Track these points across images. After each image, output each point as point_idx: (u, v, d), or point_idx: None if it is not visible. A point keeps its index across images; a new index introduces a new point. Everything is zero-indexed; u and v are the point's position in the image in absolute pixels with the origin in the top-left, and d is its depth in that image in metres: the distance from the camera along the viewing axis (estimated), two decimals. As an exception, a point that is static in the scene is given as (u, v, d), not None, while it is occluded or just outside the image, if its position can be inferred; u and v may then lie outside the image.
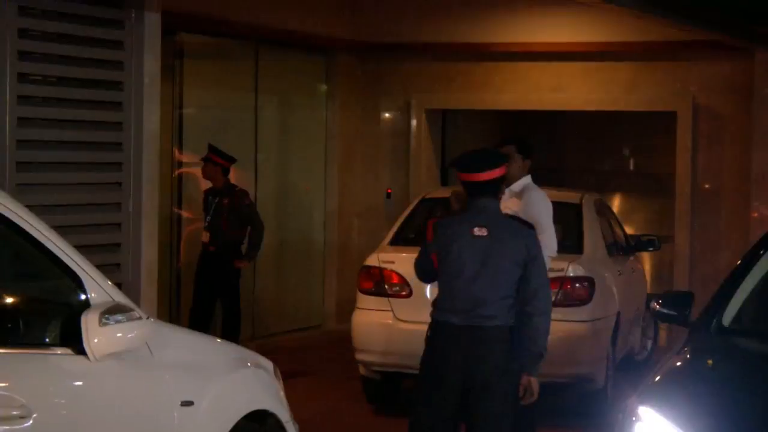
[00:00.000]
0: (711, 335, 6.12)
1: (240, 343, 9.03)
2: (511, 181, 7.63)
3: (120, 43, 7.46)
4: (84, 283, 4.80)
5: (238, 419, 5.49)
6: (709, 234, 12.93)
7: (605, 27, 12.85)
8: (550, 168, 14.44)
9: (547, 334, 6.42)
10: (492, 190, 6.49)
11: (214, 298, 11.01)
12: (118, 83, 7.48)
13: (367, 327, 9.59)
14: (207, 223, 10.91)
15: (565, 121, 15.72)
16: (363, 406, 9.89)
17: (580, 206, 10.22)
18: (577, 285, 9.31)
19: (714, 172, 12.93)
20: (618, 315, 10.00)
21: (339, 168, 13.96)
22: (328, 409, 9.85)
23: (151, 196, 7.59)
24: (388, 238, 10.12)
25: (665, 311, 6.47)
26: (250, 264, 11.43)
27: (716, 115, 12.91)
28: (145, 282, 7.53)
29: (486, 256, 6.36)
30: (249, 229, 10.95)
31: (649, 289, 12.32)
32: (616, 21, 12.48)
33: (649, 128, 15.04)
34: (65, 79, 7.21)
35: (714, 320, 6.16)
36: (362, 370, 9.80)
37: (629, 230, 12.43)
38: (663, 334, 12.57)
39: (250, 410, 5.61)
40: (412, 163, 14.26)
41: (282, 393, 6.01)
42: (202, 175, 11.05)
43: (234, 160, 11.04)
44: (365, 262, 9.76)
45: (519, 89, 13.64)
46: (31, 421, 4.41)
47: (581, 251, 9.75)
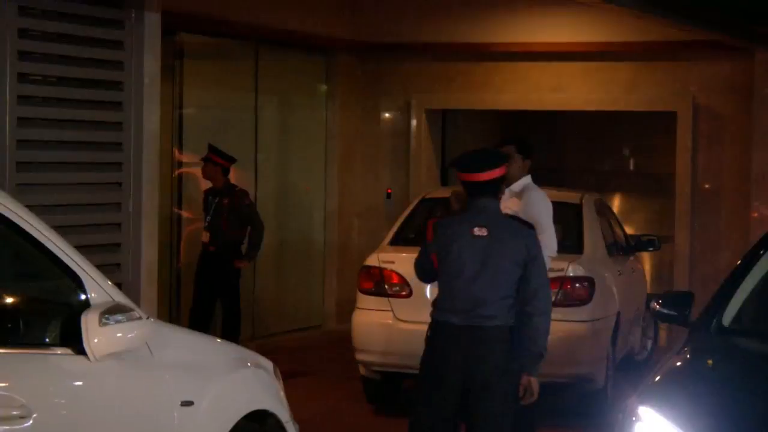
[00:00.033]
0: (711, 335, 6.12)
1: (240, 343, 9.03)
2: (511, 181, 7.63)
3: (120, 43, 7.46)
4: (84, 283, 4.80)
5: (238, 419, 5.49)
6: (709, 234, 12.93)
7: (605, 27, 12.85)
8: (550, 168, 14.44)
9: (547, 334, 6.43)
10: (492, 190, 6.49)
11: (214, 298, 11.01)
12: (118, 83, 7.47)
13: (367, 327, 9.59)
14: (207, 223, 10.91)
15: (565, 121, 15.72)
16: (363, 406, 9.89)
17: (580, 206, 10.22)
18: (577, 285, 9.31)
19: (714, 172, 12.93)
20: (618, 315, 10.00)
21: (339, 168, 13.96)
22: (328, 409, 9.85)
23: (151, 196, 7.59)
24: (388, 238, 10.12)
25: (665, 311, 6.47)
26: (250, 264, 11.43)
27: (716, 115, 12.91)
28: (145, 282, 7.53)
29: (486, 256, 6.36)
30: (249, 229, 10.96)
31: (649, 289, 12.32)
32: (616, 21, 12.48)
33: (649, 128, 15.04)
34: (65, 79, 7.20)
35: (714, 320, 6.16)
36: (362, 370, 9.80)
37: (629, 230, 12.42)
38: (663, 334, 12.57)
39: (250, 410, 5.61)
40: (412, 163, 14.26)
41: (282, 393, 6.01)
42: (202, 175, 11.05)
43: (234, 160, 11.04)
44: (365, 262, 9.76)
45: (519, 89, 13.65)
46: (31, 421, 4.41)
47: (581, 251, 9.75)
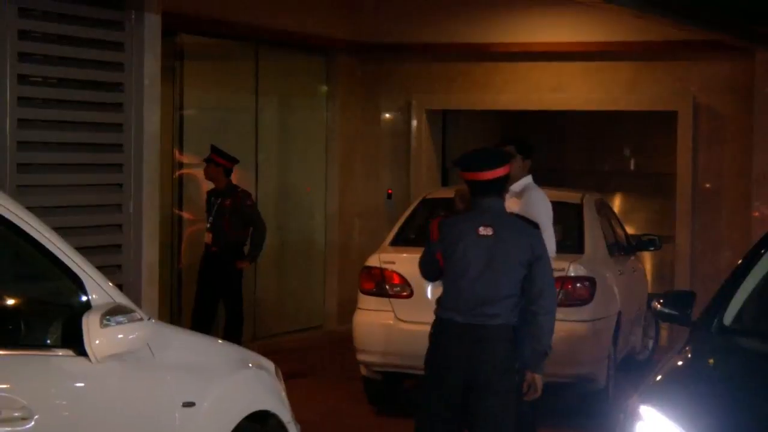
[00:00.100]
0: (712, 335, 6.12)
1: (242, 344, 9.04)
2: (512, 181, 7.63)
3: (120, 45, 7.46)
4: (85, 285, 4.80)
5: (239, 420, 5.50)
6: (709, 233, 12.93)
7: (605, 27, 12.85)
8: (550, 168, 14.43)
9: (551, 333, 6.45)
10: (496, 189, 6.49)
11: (217, 299, 11.01)
12: (119, 84, 7.47)
13: (369, 327, 9.59)
14: (209, 224, 10.92)
15: (566, 121, 15.72)
16: (364, 407, 9.90)
17: (581, 206, 10.23)
18: (578, 285, 9.31)
19: (715, 171, 12.93)
20: (619, 315, 10.00)
21: (340, 168, 13.96)
22: (330, 410, 9.85)
23: (151, 198, 7.58)
24: (389, 238, 10.12)
25: (666, 311, 6.48)
26: (252, 265, 11.43)
27: (717, 114, 12.91)
28: (146, 283, 7.53)
29: (491, 255, 6.37)
30: (251, 230, 10.96)
31: (650, 289, 12.33)
32: (616, 21, 12.48)
33: (650, 128, 15.04)
34: (65, 81, 7.20)
35: (715, 320, 6.17)
36: (363, 370, 9.80)
37: (630, 230, 12.43)
38: (664, 334, 12.58)
39: (251, 411, 5.61)
40: (412, 164, 14.26)
41: (283, 393, 6.01)
42: (205, 176, 11.06)
43: (236, 160, 11.05)
44: (366, 263, 9.76)
45: (519, 89, 13.65)
46: (32, 423, 4.41)
47: (582, 251, 9.76)
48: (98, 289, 4.83)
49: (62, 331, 4.71)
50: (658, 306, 6.52)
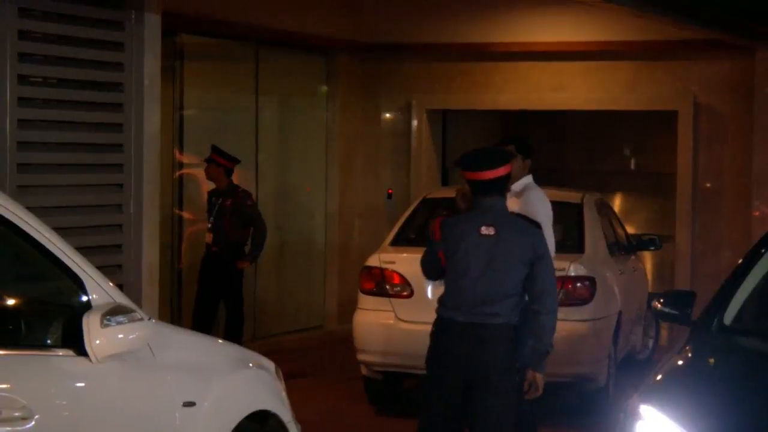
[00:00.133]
0: (712, 334, 6.12)
1: (242, 344, 9.04)
2: (512, 181, 7.61)
3: (120, 45, 7.45)
4: (85, 285, 4.80)
5: (239, 420, 5.50)
6: (710, 233, 12.93)
7: (605, 26, 12.85)
8: (550, 168, 14.43)
9: (553, 332, 6.46)
10: (497, 188, 6.49)
11: (217, 299, 11.02)
12: (119, 84, 7.47)
13: (369, 327, 9.60)
14: (210, 224, 10.92)
15: (566, 121, 15.71)
16: (364, 407, 9.90)
17: (582, 206, 10.23)
18: (578, 284, 9.32)
19: (715, 171, 12.93)
20: (619, 314, 10.00)
21: (340, 168, 13.96)
22: (330, 410, 9.85)
23: (151, 198, 7.58)
24: (389, 238, 10.12)
25: (667, 310, 6.48)
26: (252, 265, 11.43)
27: (717, 114, 12.91)
28: (147, 283, 7.53)
29: (493, 255, 6.38)
30: (252, 230, 10.96)
31: (650, 289, 12.34)
32: (616, 20, 12.48)
33: (650, 128, 15.04)
34: (65, 81, 7.19)
35: (715, 319, 6.17)
36: (364, 370, 9.80)
37: (630, 229, 12.43)
38: (664, 333, 12.58)
39: (251, 410, 5.62)
40: (412, 164, 14.26)
41: (284, 393, 6.02)
42: (206, 176, 11.07)
43: (237, 160, 11.05)
44: (366, 263, 9.76)
45: (519, 89, 13.65)
46: (33, 423, 4.41)
47: (582, 251, 9.76)
48: (98, 289, 4.83)
49: (62, 331, 4.72)
50: (659, 305, 6.52)
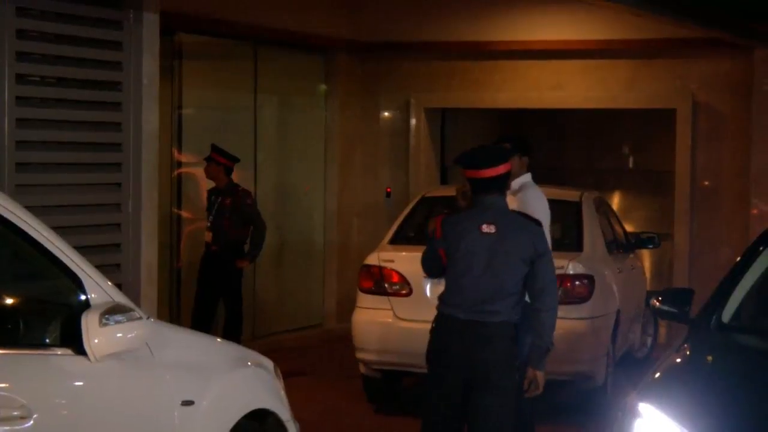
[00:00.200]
0: (711, 332, 6.13)
1: (241, 342, 9.04)
2: (511, 179, 7.62)
3: (119, 44, 7.45)
4: (84, 284, 4.80)
5: (238, 418, 5.50)
6: (708, 231, 12.93)
7: (604, 24, 12.85)
8: (549, 166, 14.44)
9: (553, 330, 6.46)
10: (498, 186, 6.50)
11: (217, 298, 11.02)
12: (117, 84, 7.47)
13: (368, 326, 9.60)
14: (210, 223, 10.92)
15: (565, 119, 15.72)
16: (363, 405, 9.90)
17: (580, 204, 10.23)
18: (577, 282, 9.32)
19: (713, 169, 12.93)
20: (618, 312, 10.01)
21: (339, 167, 13.96)
22: (329, 408, 9.85)
23: (150, 197, 7.58)
24: (388, 237, 10.12)
25: (665, 308, 6.49)
26: (252, 264, 11.44)
27: (716, 112, 12.91)
28: (145, 282, 7.53)
29: (493, 253, 6.38)
30: (251, 228, 10.97)
31: (648, 287, 12.33)
32: (615, 18, 12.48)
33: (649, 126, 15.04)
34: (64, 80, 7.19)
35: (714, 317, 6.18)
36: (363, 368, 9.81)
37: (629, 228, 12.43)
38: (663, 331, 12.58)
39: (250, 409, 5.62)
40: (411, 162, 14.27)
41: (282, 392, 6.02)
42: (205, 174, 11.07)
43: (237, 159, 11.05)
44: (365, 261, 9.77)
45: (518, 87, 13.65)
46: (31, 422, 4.41)
47: (581, 249, 9.76)
48: (97, 288, 4.84)
49: (61, 330, 4.72)
50: (657, 303, 6.53)
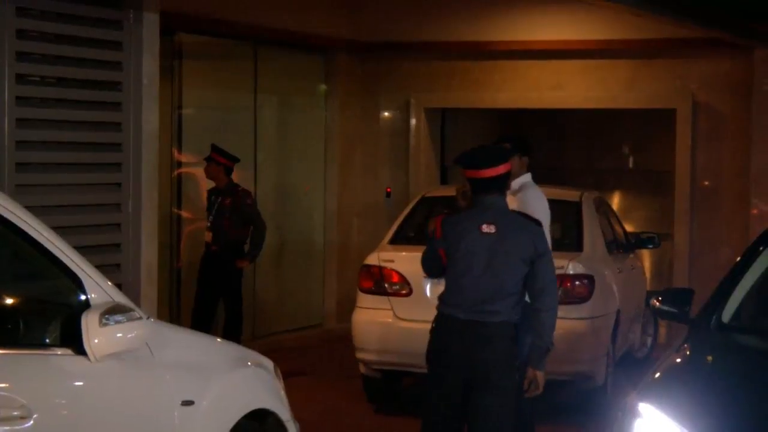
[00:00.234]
0: (711, 332, 6.13)
1: (241, 342, 9.04)
2: (511, 179, 7.62)
3: (119, 44, 7.45)
4: (84, 284, 4.80)
5: (238, 418, 5.50)
6: (708, 231, 12.93)
7: (604, 24, 12.85)
8: (550, 166, 14.43)
9: (553, 329, 6.46)
10: (498, 186, 6.50)
11: (217, 298, 11.02)
12: (117, 84, 7.47)
13: (368, 325, 9.60)
14: (210, 223, 10.92)
15: (565, 119, 15.71)
16: (363, 405, 9.90)
17: (580, 204, 10.23)
18: (577, 282, 9.32)
19: (713, 169, 12.93)
20: (618, 312, 10.01)
21: (339, 167, 13.96)
22: (329, 408, 9.85)
23: (150, 197, 7.58)
24: (388, 237, 10.12)
25: (665, 308, 6.49)
26: (252, 264, 11.44)
27: (716, 112, 12.91)
28: (145, 282, 7.53)
29: (494, 253, 6.38)
30: (251, 228, 10.97)
31: (648, 287, 12.33)
32: (615, 18, 12.48)
33: (649, 126, 15.04)
34: (64, 80, 7.19)
35: (714, 317, 6.18)
36: (362, 368, 9.81)
37: (629, 228, 12.43)
38: (663, 331, 12.58)
39: (250, 409, 5.62)
40: (411, 162, 14.27)
41: (282, 392, 6.02)
42: (205, 174, 11.07)
43: (237, 159, 11.05)
44: (365, 261, 9.77)
45: (518, 87, 13.65)
46: (31, 422, 4.41)
47: (581, 249, 9.76)
48: (97, 288, 4.84)
49: (61, 330, 4.72)
50: (657, 303, 6.53)
